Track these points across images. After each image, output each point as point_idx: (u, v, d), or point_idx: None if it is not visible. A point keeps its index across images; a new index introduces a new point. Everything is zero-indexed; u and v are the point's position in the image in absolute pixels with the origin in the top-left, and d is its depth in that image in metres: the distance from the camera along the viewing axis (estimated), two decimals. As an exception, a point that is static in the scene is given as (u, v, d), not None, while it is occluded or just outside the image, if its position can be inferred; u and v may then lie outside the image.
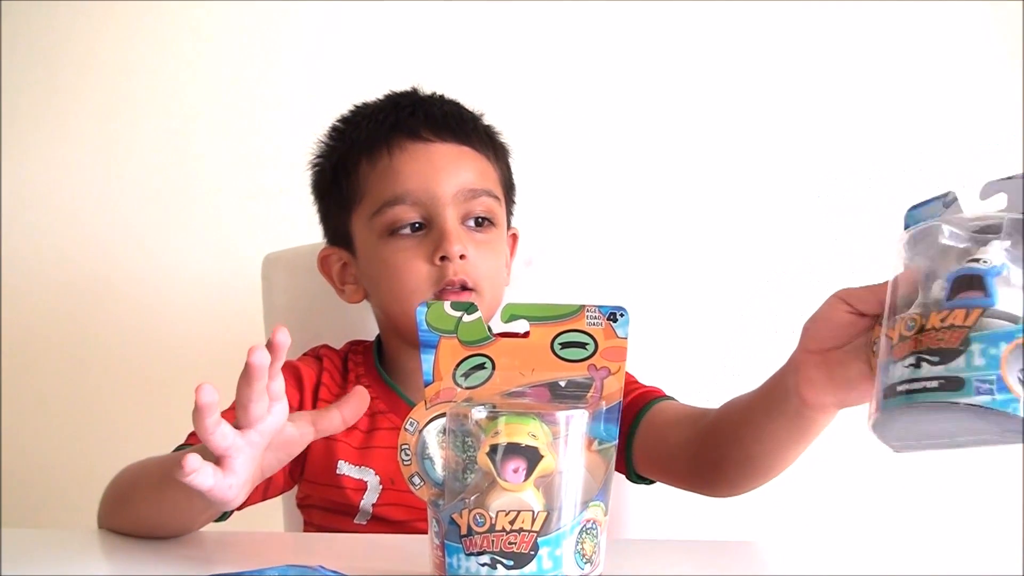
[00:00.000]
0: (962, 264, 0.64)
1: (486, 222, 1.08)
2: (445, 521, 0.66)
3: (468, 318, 0.70)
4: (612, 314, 0.69)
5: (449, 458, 0.67)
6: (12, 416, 1.69)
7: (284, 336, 0.73)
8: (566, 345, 0.69)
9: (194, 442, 0.95)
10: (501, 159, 1.15)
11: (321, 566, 0.70)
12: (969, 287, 0.63)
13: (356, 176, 1.09)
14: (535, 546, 0.64)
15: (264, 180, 1.67)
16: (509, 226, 1.16)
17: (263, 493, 1.03)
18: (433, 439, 0.69)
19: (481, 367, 0.70)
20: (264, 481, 0.91)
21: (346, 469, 1.07)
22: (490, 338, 0.70)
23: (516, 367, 0.70)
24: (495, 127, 1.16)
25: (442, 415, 0.69)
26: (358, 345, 1.18)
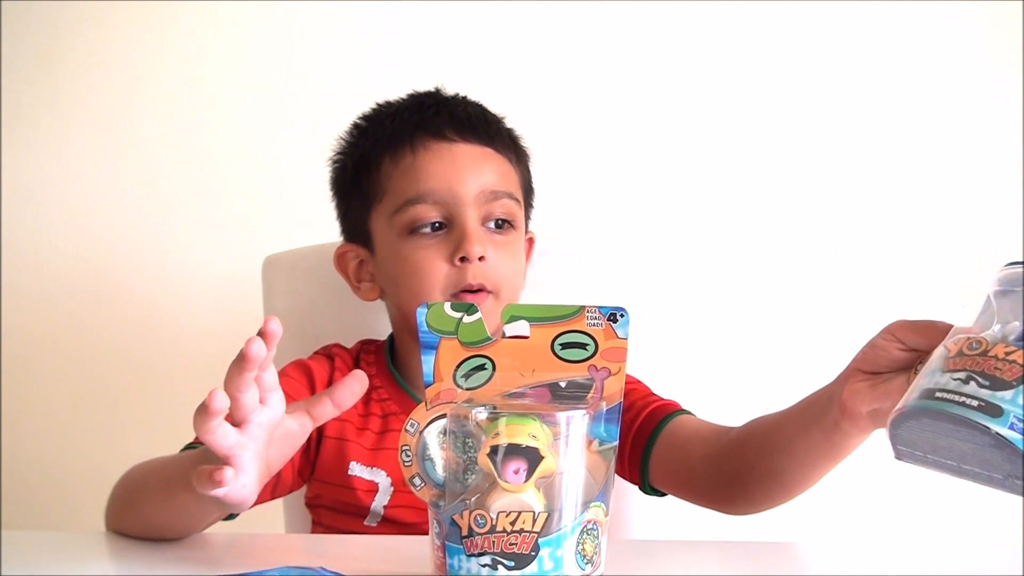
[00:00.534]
0: None
1: (506, 224, 1.07)
2: (446, 522, 0.66)
3: (468, 319, 0.70)
4: (612, 315, 0.69)
5: (450, 459, 0.68)
6: (12, 417, 1.69)
7: (276, 325, 0.73)
8: (566, 346, 0.69)
9: (200, 442, 0.95)
10: (522, 162, 1.14)
11: (322, 567, 0.70)
12: None
13: (378, 173, 1.09)
14: (536, 547, 0.64)
15: (265, 182, 1.67)
16: (527, 230, 1.16)
17: (272, 492, 1.02)
18: (434, 440, 0.69)
19: (481, 368, 0.70)
20: (272, 479, 0.91)
21: (358, 470, 1.07)
22: (490, 339, 0.70)
23: (516, 368, 0.70)
24: (515, 130, 1.16)
25: (443, 416, 0.69)
26: (370, 345, 1.17)
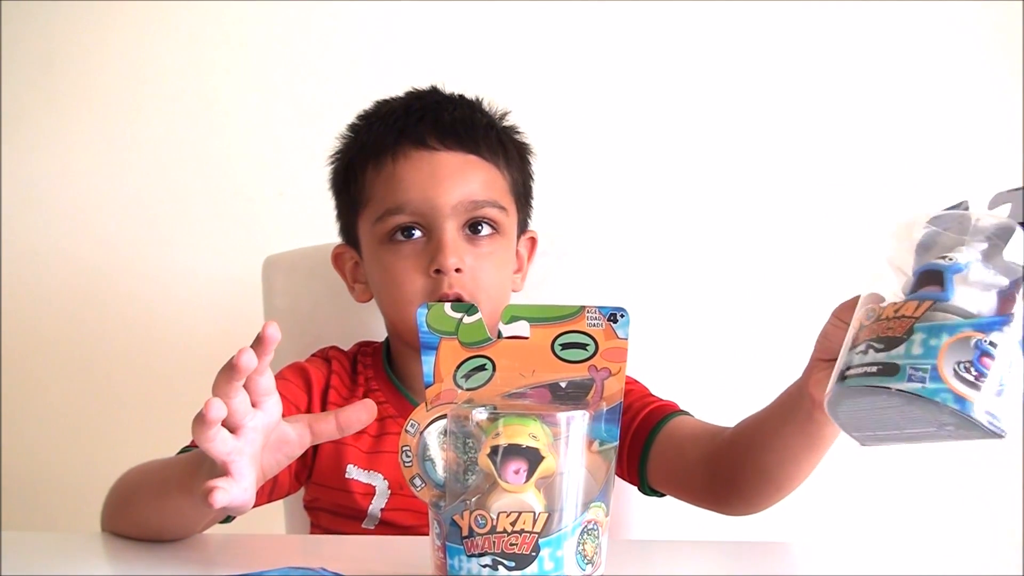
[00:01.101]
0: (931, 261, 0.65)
1: (490, 232, 1.07)
2: (446, 522, 0.66)
3: (468, 319, 0.70)
4: (612, 315, 0.69)
5: (450, 460, 0.68)
6: (12, 417, 1.69)
7: (274, 331, 0.72)
8: (567, 346, 0.69)
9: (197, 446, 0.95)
10: (513, 165, 1.12)
11: (323, 568, 0.70)
12: (930, 282, 0.64)
13: (363, 180, 1.09)
14: (536, 547, 0.64)
15: (265, 182, 1.67)
16: (525, 231, 1.15)
17: (268, 495, 1.03)
18: (434, 441, 0.69)
19: (482, 368, 0.70)
20: (269, 482, 0.91)
21: (355, 473, 1.07)
22: (490, 339, 0.70)
23: (517, 368, 0.70)
24: (517, 128, 1.15)
25: (443, 417, 0.69)
26: (367, 347, 1.17)
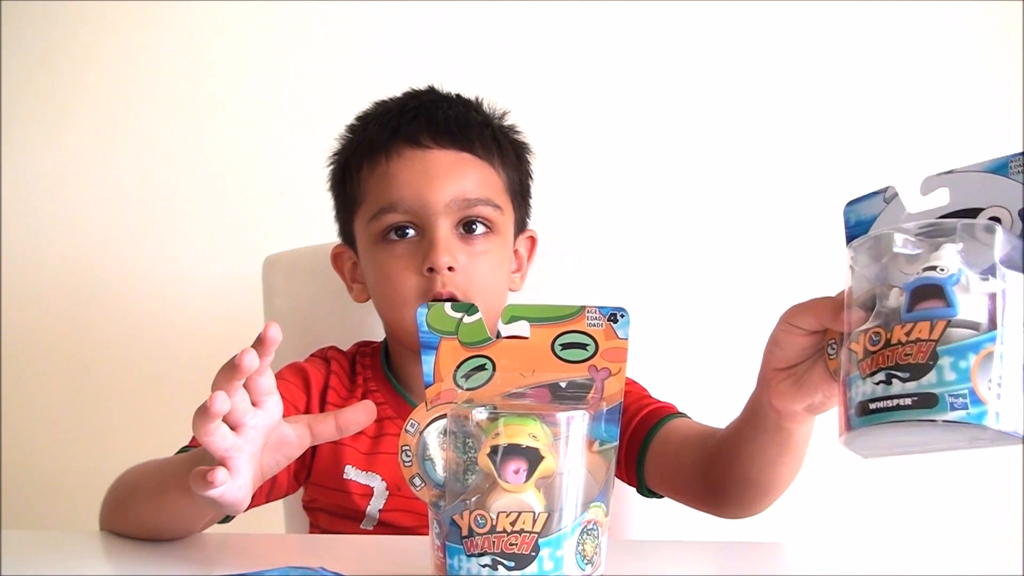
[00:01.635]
0: (919, 272, 0.64)
1: (484, 231, 1.06)
2: (446, 522, 0.66)
3: (468, 319, 0.70)
4: (613, 315, 0.69)
5: (450, 459, 0.67)
6: (12, 417, 1.69)
7: (276, 332, 0.72)
8: (567, 346, 0.69)
9: (196, 445, 0.94)
10: (509, 163, 1.12)
11: (322, 568, 0.70)
12: (929, 297, 0.63)
13: (358, 179, 1.09)
14: (536, 547, 0.64)
15: (264, 182, 1.67)
16: (524, 230, 1.15)
17: (267, 495, 1.03)
18: (434, 440, 0.69)
19: (482, 368, 0.70)
20: (267, 482, 0.91)
21: (353, 474, 1.07)
22: (490, 339, 0.70)
23: (517, 368, 0.70)
24: (515, 127, 1.15)
25: (443, 416, 0.69)
26: (366, 347, 1.17)
